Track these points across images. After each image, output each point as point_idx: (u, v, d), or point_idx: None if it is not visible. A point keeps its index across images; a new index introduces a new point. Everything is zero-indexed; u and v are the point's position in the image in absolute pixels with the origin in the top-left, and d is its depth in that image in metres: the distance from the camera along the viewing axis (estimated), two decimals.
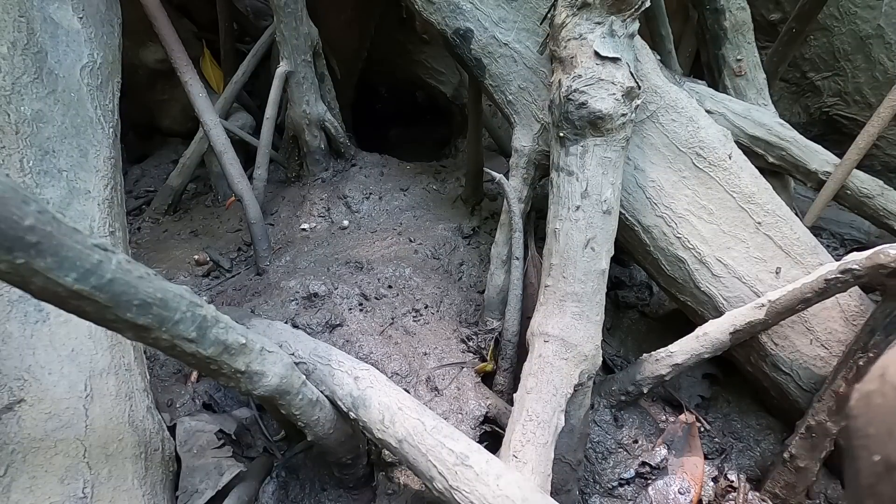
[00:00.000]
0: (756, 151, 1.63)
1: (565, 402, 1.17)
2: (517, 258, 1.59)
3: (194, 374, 1.82)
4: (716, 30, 1.73)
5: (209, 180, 3.04)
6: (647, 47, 1.55)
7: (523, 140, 1.63)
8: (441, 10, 1.73)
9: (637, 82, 1.28)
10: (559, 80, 1.33)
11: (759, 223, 1.40)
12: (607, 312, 2.06)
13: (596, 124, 1.26)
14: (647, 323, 2.04)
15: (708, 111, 1.63)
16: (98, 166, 1.43)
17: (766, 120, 1.62)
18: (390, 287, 1.80)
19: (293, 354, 1.17)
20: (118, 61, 1.75)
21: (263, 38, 2.82)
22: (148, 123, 3.66)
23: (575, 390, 1.21)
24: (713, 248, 1.43)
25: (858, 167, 1.61)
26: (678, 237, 1.46)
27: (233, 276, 2.26)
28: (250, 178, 3.08)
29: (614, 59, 1.27)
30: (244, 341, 0.86)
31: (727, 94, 1.76)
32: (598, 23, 1.29)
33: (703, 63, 1.87)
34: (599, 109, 1.24)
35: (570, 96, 1.28)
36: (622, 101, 1.26)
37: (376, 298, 1.74)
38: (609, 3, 1.27)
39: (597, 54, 1.27)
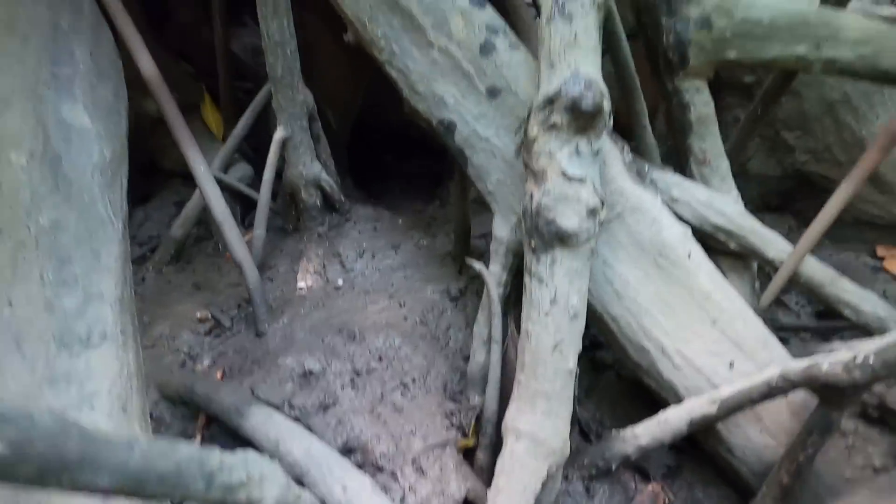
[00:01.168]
0: (719, 238, 1.75)
1: (534, 497, 1.30)
2: (496, 341, 1.72)
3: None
4: (682, 122, 1.85)
5: (210, 226, 3.17)
6: (615, 148, 1.69)
7: (503, 230, 1.76)
8: (426, 100, 1.86)
9: (601, 200, 1.41)
10: (531, 192, 1.46)
11: (714, 319, 1.53)
12: (585, 374, 2.19)
13: (563, 239, 1.38)
14: (622, 384, 2.17)
15: (674, 198, 1.76)
16: (110, 265, 1.55)
17: (727, 209, 1.75)
18: (380, 359, 1.93)
19: (289, 454, 1.30)
20: (125, 149, 1.87)
21: (261, 96, 2.95)
22: (150, 163, 3.78)
23: (544, 485, 1.34)
24: (674, 340, 1.56)
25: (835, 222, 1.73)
26: (642, 328, 1.59)
27: (233, 335, 2.39)
28: (249, 224, 3.22)
29: (580, 179, 1.39)
30: (244, 477, 0.99)
31: (694, 179, 1.88)
32: (566, 141, 1.42)
33: (672, 149, 2.00)
34: (566, 227, 1.37)
35: (540, 212, 1.41)
36: (587, 218, 1.39)
37: (367, 373, 1.87)
38: (575, 127, 1.40)
39: (564, 174, 1.40)
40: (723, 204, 1.77)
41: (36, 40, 1.68)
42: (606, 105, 1.41)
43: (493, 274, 1.78)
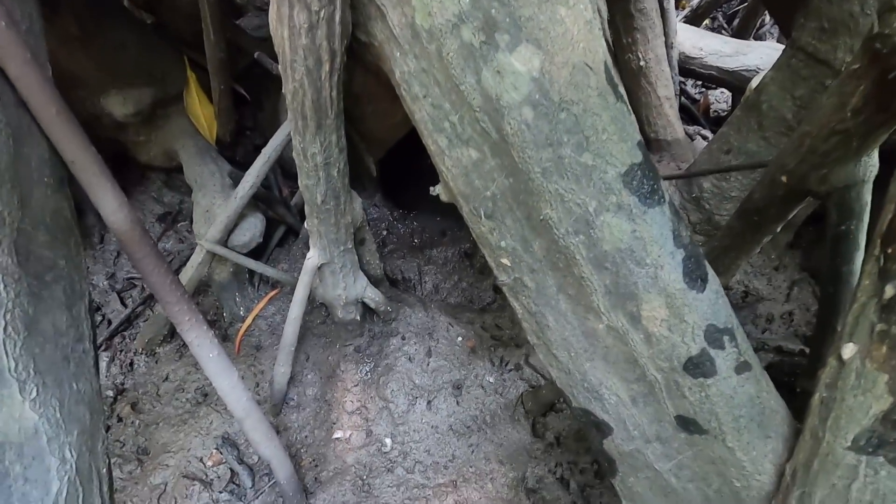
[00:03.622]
0: None
1: None
2: None
3: None
4: None
5: (211, 293, 2.50)
6: None
7: None
8: (569, 375, 1.22)
9: None
10: None
11: None
12: None
13: None
14: None
15: None
16: None
17: None
18: None
19: None
20: (99, 411, 1.21)
21: (276, 144, 2.06)
22: (122, 156, 2.88)
23: None
24: None
25: None
26: None
27: (256, 498, 1.96)
28: (260, 280, 2.57)
29: None
30: None
31: None
32: None
33: None
34: None
35: None
36: None
37: None
38: None
39: None
40: None
41: None
42: None
43: None
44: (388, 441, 1.99)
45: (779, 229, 1.45)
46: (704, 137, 3.51)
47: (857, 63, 0.98)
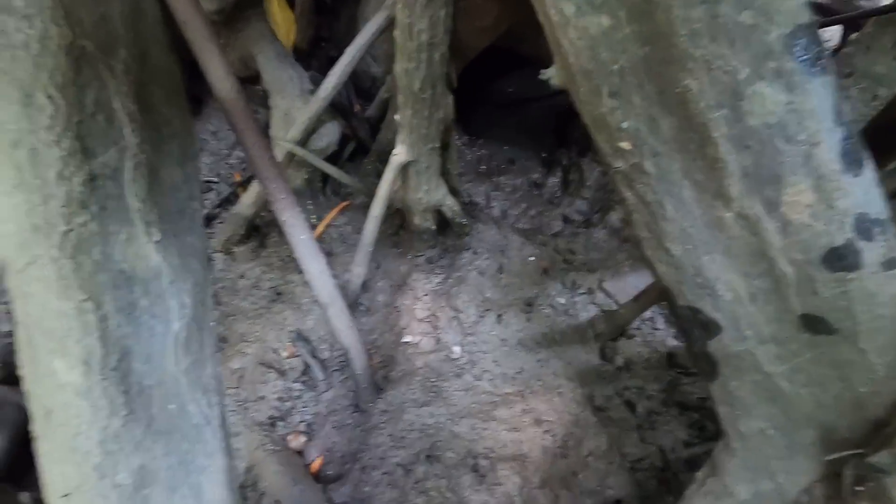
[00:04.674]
0: None
1: None
2: None
3: None
4: None
5: None
6: None
7: (746, 489, 1.25)
8: (680, 269, 1.17)
9: None
10: None
11: None
12: None
13: None
14: None
15: None
16: (214, 498, 1.14)
17: None
18: None
19: None
20: (208, 275, 1.26)
21: (360, 43, 2.00)
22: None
23: None
24: None
25: None
26: None
27: (327, 391, 2.04)
28: (333, 191, 2.59)
29: None
30: None
31: None
32: None
33: None
34: None
35: None
36: None
37: None
38: None
39: None
40: None
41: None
42: None
43: None
44: (456, 349, 2.01)
45: None
46: None
47: None
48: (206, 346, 1.17)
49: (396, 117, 1.62)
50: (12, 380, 1.82)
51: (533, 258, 2.19)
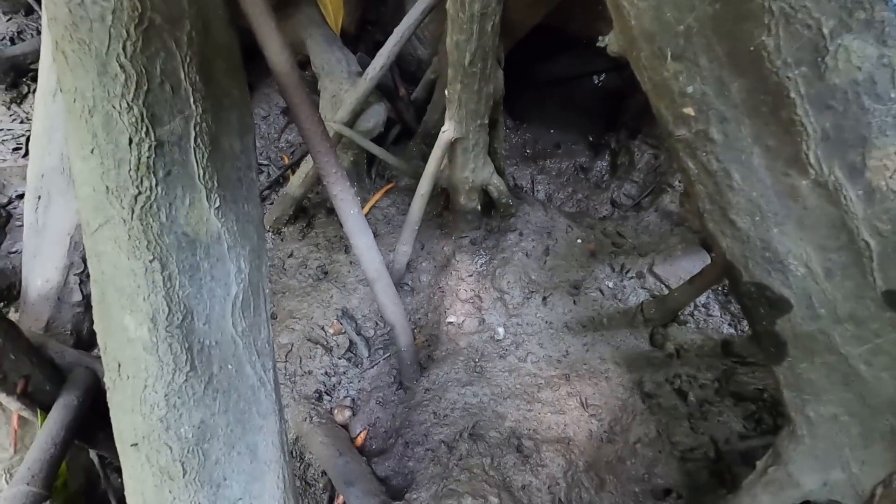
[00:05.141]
0: None
1: None
2: None
3: None
4: None
5: None
6: None
7: (812, 479, 1.18)
8: (746, 242, 1.11)
9: None
10: None
11: None
12: None
13: None
14: None
15: None
16: (269, 457, 1.18)
17: None
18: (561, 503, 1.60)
19: None
20: (263, 237, 1.29)
21: (407, 24, 2.00)
22: (251, 49, 2.98)
23: None
24: None
25: None
26: None
27: (372, 367, 2.08)
28: (377, 174, 2.62)
29: None
30: None
31: None
32: None
33: None
34: None
35: None
36: None
37: None
38: None
39: None
40: None
41: None
42: None
43: None
44: (500, 330, 1.99)
45: None
46: None
47: None
48: (261, 311, 1.21)
49: (446, 92, 1.60)
50: (83, 345, 1.94)
51: (580, 241, 2.13)
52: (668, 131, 1.13)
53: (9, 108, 3.16)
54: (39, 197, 2.07)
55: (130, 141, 1.01)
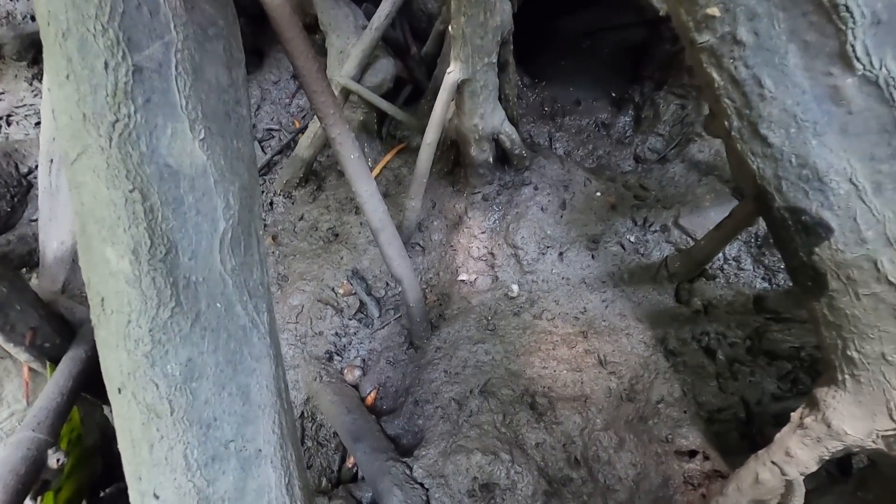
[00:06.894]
0: None
1: None
2: None
3: None
4: None
5: None
6: None
7: (858, 428, 1.06)
8: (780, 162, 0.99)
9: None
10: None
11: None
12: None
13: None
14: None
15: None
16: (262, 401, 1.13)
17: None
18: (577, 462, 1.52)
19: None
20: (256, 174, 1.23)
21: None
22: (261, 15, 2.92)
23: None
24: None
25: None
26: None
27: (382, 328, 2.02)
28: (388, 134, 2.54)
29: None
30: None
31: None
32: None
33: None
34: None
35: None
36: None
37: (562, 483, 1.49)
38: None
39: None
40: None
41: None
42: None
43: None
44: (514, 287, 1.90)
45: None
46: None
47: None
48: (253, 251, 1.15)
49: (450, 28, 1.50)
50: None
51: (599, 193, 2.01)
52: (690, 40, 1.01)
53: (31, 84, 3.20)
54: (52, 160, 2.07)
55: (106, 65, 0.95)
